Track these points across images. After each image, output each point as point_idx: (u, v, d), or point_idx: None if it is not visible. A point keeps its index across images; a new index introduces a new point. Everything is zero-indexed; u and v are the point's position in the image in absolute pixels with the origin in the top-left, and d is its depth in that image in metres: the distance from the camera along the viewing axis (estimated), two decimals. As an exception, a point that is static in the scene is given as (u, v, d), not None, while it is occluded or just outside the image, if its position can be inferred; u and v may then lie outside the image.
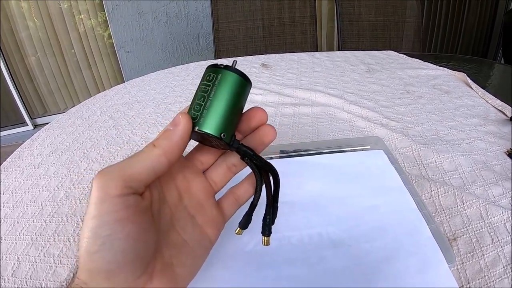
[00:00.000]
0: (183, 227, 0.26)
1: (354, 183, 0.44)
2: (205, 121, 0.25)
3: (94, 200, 0.21)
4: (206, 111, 0.25)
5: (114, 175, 0.21)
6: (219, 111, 0.25)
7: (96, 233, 0.20)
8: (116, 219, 0.21)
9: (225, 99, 0.25)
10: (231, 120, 0.25)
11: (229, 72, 0.25)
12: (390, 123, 0.65)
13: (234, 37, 1.55)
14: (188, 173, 0.27)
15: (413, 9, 1.55)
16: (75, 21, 2.35)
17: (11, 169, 0.61)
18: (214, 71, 0.26)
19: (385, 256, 0.34)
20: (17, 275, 0.40)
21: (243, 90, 0.26)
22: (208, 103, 0.25)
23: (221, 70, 0.25)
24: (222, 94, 0.25)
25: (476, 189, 0.46)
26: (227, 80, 0.25)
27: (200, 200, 0.27)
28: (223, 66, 0.26)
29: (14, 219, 0.49)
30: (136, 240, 0.21)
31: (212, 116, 0.25)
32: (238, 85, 0.25)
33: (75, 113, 0.82)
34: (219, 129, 0.25)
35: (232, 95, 0.25)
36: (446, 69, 0.93)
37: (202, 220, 0.27)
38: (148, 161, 0.23)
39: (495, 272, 0.35)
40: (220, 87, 0.25)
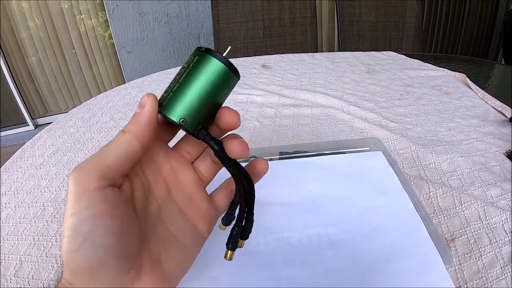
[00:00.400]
0: (172, 221, 0.25)
1: (353, 185, 0.44)
2: (168, 104, 0.23)
3: (71, 196, 0.20)
4: (172, 93, 0.23)
5: (89, 168, 0.21)
6: (185, 96, 0.22)
7: (76, 231, 0.19)
8: (95, 214, 0.20)
9: (195, 84, 0.22)
10: (199, 108, 0.23)
11: (207, 56, 0.23)
12: (390, 124, 0.65)
13: (234, 38, 1.56)
14: (175, 164, 0.26)
15: (413, 9, 1.55)
16: (76, 21, 2.35)
17: (12, 169, 0.62)
18: (195, 53, 0.23)
19: (383, 257, 0.34)
20: (19, 275, 0.40)
21: (223, 79, 0.23)
22: (176, 86, 0.23)
23: (200, 52, 0.23)
24: (193, 78, 0.23)
25: (474, 190, 0.47)
26: (203, 64, 0.23)
27: (190, 192, 0.26)
28: (204, 48, 0.23)
29: (16, 220, 0.49)
30: (118, 235, 0.20)
31: (177, 100, 0.23)
32: (214, 71, 0.23)
33: (76, 114, 0.82)
34: (180, 114, 0.22)
35: (204, 81, 0.23)
36: (446, 69, 0.93)
37: (192, 213, 0.26)
38: (121, 148, 0.22)
39: (493, 273, 0.35)
40: (193, 71, 0.23)
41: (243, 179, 0.24)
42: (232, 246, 0.26)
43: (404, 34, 1.58)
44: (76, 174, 0.20)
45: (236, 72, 0.24)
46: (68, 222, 0.20)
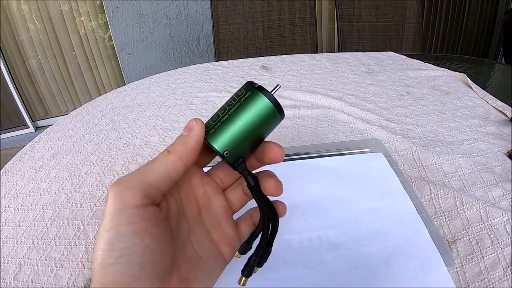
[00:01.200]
0: (199, 243, 0.25)
1: (353, 186, 0.44)
2: (215, 133, 0.24)
3: (111, 211, 0.20)
4: (220, 123, 0.24)
5: (131, 184, 0.21)
6: (232, 129, 0.23)
7: (112, 246, 0.19)
8: (134, 231, 0.20)
9: (244, 119, 0.24)
10: (243, 142, 0.24)
11: (259, 94, 0.24)
12: (390, 125, 0.65)
13: (234, 39, 1.56)
14: (209, 189, 0.27)
15: (413, 9, 1.55)
16: (76, 23, 2.35)
17: (12, 172, 0.62)
18: (247, 88, 0.24)
19: (384, 259, 0.34)
20: (18, 278, 0.40)
21: (269, 118, 0.24)
22: (225, 116, 0.24)
23: (252, 89, 0.24)
24: (243, 113, 0.24)
25: (476, 191, 0.46)
26: (253, 101, 0.24)
27: (218, 217, 0.27)
28: (257, 86, 0.24)
29: (15, 223, 0.49)
30: (154, 253, 0.21)
31: (224, 131, 0.24)
32: (264, 109, 0.24)
33: (75, 116, 0.82)
34: (225, 145, 0.23)
35: (253, 118, 0.24)
36: (446, 69, 0.93)
37: (219, 237, 0.26)
38: (164, 167, 0.22)
39: (495, 274, 0.35)
40: (244, 106, 0.24)
41: (270, 214, 0.26)
42: (248, 273, 0.27)
43: (404, 34, 1.58)
44: (117, 189, 0.20)
45: (282, 112, 0.25)
46: (105, 236, 0.20)
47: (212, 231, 0.26)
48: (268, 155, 0.25)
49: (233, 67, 1.08)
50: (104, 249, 0.19)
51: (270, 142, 0.26)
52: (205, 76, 1.03)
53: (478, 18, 2.51)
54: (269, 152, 0.25)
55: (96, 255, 0.20)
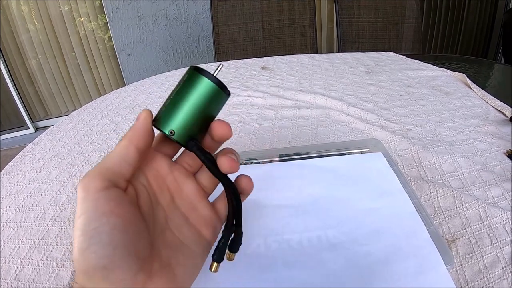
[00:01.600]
0: (178, 228, 0.26)
1: (353, 186, 0.44)
2: (161, 117, 0.25)
3: (79, 201, 0.22)
4: (164, 108, 0.25)
5: (92, 174, 0.23)
6: (175, 110, 0.25)
7: (84, 230, 0.21)
8: (100, 212, 0.21)
9: (185, 99, 0.25)
10: (189, 122, 0.25)
11: (196, 74, 0.25)
12: (390, 125, 0.65)
13: (234, 40, 1.56)
14: (177, 175, 0.28)
15: (412, 9, 1.55)
16: (76, 24, 2.35)
17: (13, 173, 0.62)
18: (187, 71, 0.25)
19: (384, 258, 0.34)
20: (20, 278, 0.40)
21: (212, 96, 0.25)
22: (168, 101, 0.25)
23: (189, 71, 0.25)
24: (184, 94, 0.25)
25: (475, 191, 0.47)
26: (192, 82, 0.25)
27: (192, 201, 0.28)
28: (194, 67, 0.25)
29: (16, 223, 0.49)
30: (124, 233, 0.21)
31: (168, 113, 0.25)
32: (204, 88, 0.25)
33: (76, 117, 0.83)
34: (169, 126, 0.25)
35: (194, 97, 0.25)
36: (445, 69, 0.93)
37: (196, 220, 0.27)
38: (118, 152, 0.24)
39: (494, 273, 0.35)
40: (184, 88, 0.25)
41: (230, 192, 0.26)
42: (218, 258, 0.26)
43: (404, 35, 1.58)
44: (82, 181, 0.23)
45: (225, 89, 0.26)
46: (77, 223, 0.21)
47: (189, 215, 0.27)
48: (217, 133, 0.26)
49: (233, 68, 1.08)
50: (78, 235, 0.21)
51: (216, 120, 0.26)
52: (205, 77, 1.03)
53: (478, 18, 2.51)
54: (216, 130, 0.26)
55: (74, 244, 0.21)
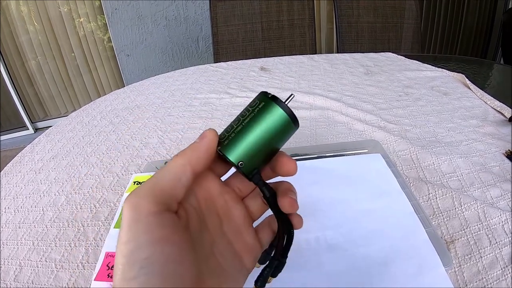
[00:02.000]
0: (222, 254, 0.25)
1: (351, 187, 0.44)
2: (229, 144, 0.24)
3: (127, 222, 0.19)
4: (234, 134, 0.24)
5: (143, 193, 0.20)
6: (247, 140, 0.23)
7: (132, 258, 0.18)
8: (153, 240, 0.19)
9: (258, 130, 0.23)
10: (258, 154, 0.24)
11: (273, 104, 0.24)
12: (388, 125, 0.65)
13: (233, 40, 1.56)
14: (228, 198, 0.26)
15: (411, 10, 1.55)
16: (75, 25, 2.35)
17: (12, 174, 0.62)
18: (261, 98, 0.24)
19: (382, 260, 0.34)
20: (19, 280, 0.40)
21: (283, 128, 0.24)
22: (239, 127, 0.24)
23: (266, 99, 0.24)
24: (257, 124, 0.23)
25: (474, 191, 0.47)
26: (267, 111, 0.24)
27: (239, 226, 0.26)
28: (271, 96, 0.24)
29: (15, 225, 0.49)
30: (176, 263, 0.19)
31: (238, 142, 0.23)
32: (278, 120, 0.24)
33: (75, 118, 0.83)
34: (239, 157, 0.23)
35: (267, 129, 0.23)
36: (444, 70, 0.93)
37: (241, 247, 0.26)
38: (173, 172, 0.22)
39: (493, 274, 0.35)
40: (258, 117, 0.24)
41: (285, 226, 0.25)
42: (261, 284, 0.26)
43: (403, 35, 1.58)
44: (131, 200, 0.20)
45: (296, 122, 0.25)
46: (123, 249, 0.19)
47: (234, 241, 0.26)
48: (282, 169, 0.25)
49: (232, 69, 1.08)
50: (123, 263, 0.19)
51: (284, 156, 0.25)
52: (204, 78, 1.03)
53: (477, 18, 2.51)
54: (283, 166, 0.25)
55: (116, 269, 0.19)
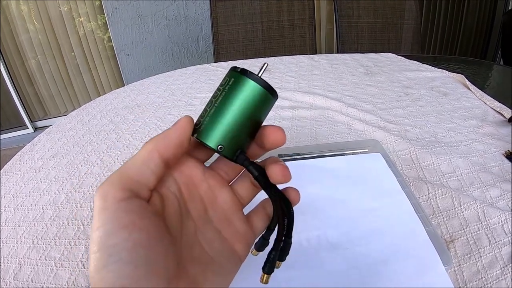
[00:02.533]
0: (209, 242, 0.24)
1: (352, 187, 0.44)
2: (205, 129, 0.22)
3: (96, 211, 0.19)
4: (208, 118, 0.22)
5: (112, 181, 0.20)
6: (222, 121, 0.22)
7: (101, 245, 0.18)
8: (119, 226, 0.19)
9: (232, 108, 0.22)
10: (237, 133, 0.22)
11: (243, 78, 0.22)
12: (388, 125, 0.65)
13: (233, 40, 1.56)
14: (213, 183, 0.25)
15: (411, 11, 1.56)
16: (75, 24, 2.35)
17: (12, 172, 0.62)
18: (230, 74, 0.22)
19: (382, 258, 0.34)
20: (18, 278, 0.40)
21: (260, 101, 0.22)
22: (212, 109, 0.22)
23: (235, 74, 0.22)
24: (230, 102, 0.22)
25: (473, 191, 0.47)
26: (240, 87, 0.22)
27: (227, 213, 0.25)
28: (240, 69, 0.22)
29: (15, 223, 0.49)
30: (148, 249, 0.19)
31: (213, 125, 0.22)
32: (252, 93, 0.22)
33: (75, 117, 0.83)
34: (218, 140, 0.22)
35: (242, 105, 0.22)
36: (444, 71, 0.93)
37: (230, 234, 0.24)
38: (141, 159, 0.22)
39: (492, 273, 0.35)
40: (230, 94, 0.22)
41: (283, 203, 0.24)
42: (269, 270, 0.25)
43: (403, 36, 1.58)
44: (100, 189, 0.20)
45: (273, 92, 0.23)
46: (94, 237, 0.19)
47: (222, 228, 0.24)
48: (268, 140, 0.23)
49: (232, 68, 1.08)
50: (95, 251, 0.18)
51: (268, 126, 0.24)
52: (205, 77, 1.03)
53: (477, 19, 2.52)
54: (269, 136, 0.23)
55: (90, 260, 0.19)
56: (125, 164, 0.22)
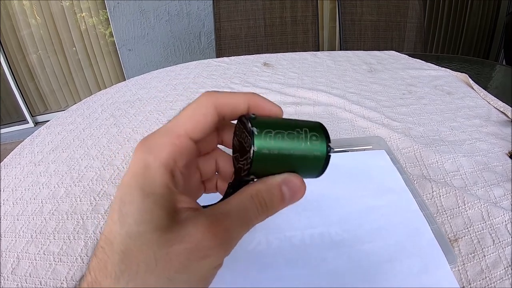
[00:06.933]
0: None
1: (356, 183, 0.44)
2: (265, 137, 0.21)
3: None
4: (273, 135, 0.21)
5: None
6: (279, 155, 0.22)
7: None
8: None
9: (295, 154, 0.22)
10: (275, 168, 0.22)
11: (323, 140, 0.23)
12: (392, 123, 0.64)
13: (236, 36, 1.55)
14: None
15: (415, 9, 1.55)
16: (77, 19, 2.35)
17: (11, 166, 0.61)
18: (318, 127, 0.23)
19: (387, 256, 0.33)
20: (16, 272, 0.40)
21: (310, 164, 0.23)
22: (283, 140, 0.22)
23: (321, 132, 0.23)
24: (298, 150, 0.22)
25: (477, 190, 0.46)
26: (314, 142, 0.22)
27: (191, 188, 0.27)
28: (326, 133, 0.23)
29: (14, 217, 0.49)
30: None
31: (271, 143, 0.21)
32: (314, 159, 0.23)
33: (76, 111, 0.82)
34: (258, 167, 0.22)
35: (300, 159, 0.22)
36: (448, 70, 0.93)
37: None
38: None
39: (496, 273, 0.35)
40: (301, 145, 0.22)
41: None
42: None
43: (406, 34, 1.58)
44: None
45: (322, 171, 0.24)
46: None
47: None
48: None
49: (234, 64, 1.08)
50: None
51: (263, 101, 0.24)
52: (207, 72, 1.02)
53: (480, 19, 2.51)
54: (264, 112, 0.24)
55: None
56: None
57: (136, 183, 0.20)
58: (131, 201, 0.19)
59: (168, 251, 0.18)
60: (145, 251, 0.18)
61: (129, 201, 0.19)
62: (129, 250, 0.18)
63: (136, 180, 0.20)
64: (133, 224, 0.18)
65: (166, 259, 0.18)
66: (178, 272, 0.18)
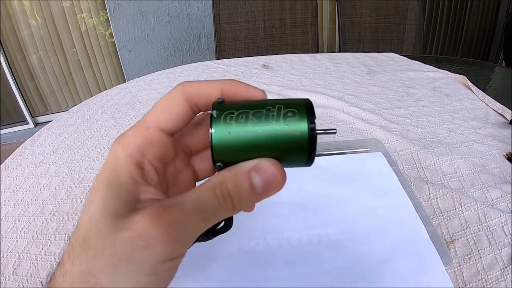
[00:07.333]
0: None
1: (353, 185, 0.44)
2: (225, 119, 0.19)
3: None
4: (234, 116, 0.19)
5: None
6: (245, 138, 0.19)
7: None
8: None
9: (264, 136, 0.19)
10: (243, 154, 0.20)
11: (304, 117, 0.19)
12: (390, 125, 0.65)
13: (235, 38, 1.56)
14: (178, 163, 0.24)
15: (414, 11, 1.55)
16: (77, 20, 2.35)
17: (12, 167, 0.62)
18: (299, 103, 0.20)
19: (383, 257, 0.34)
20: (18, 273, 0.40)
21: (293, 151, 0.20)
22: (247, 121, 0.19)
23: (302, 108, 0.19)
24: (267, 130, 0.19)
25: (474, 192, 0.47)
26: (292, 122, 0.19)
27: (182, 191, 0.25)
28: (310, 107, 0.20)
29: (15, 218, 0.49)
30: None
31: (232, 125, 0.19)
32: (294, 141, 0.19)
33: (76, 112, 0.82)
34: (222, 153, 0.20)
35: (274, 142, 0.19)
36: (446, 71, 0.93)
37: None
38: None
39: (492, 275, 0.35)
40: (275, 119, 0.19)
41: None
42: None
43: (405, 36, 1.58)
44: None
45: (311, 159, 0.20)
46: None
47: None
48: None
49: (234, 66, 1.08)
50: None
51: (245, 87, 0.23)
52: (206, 74, 1.03)
53: (479, 20, 2.51)
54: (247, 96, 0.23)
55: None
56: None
57: (104, 173, 0.20)
58: (96, 189, 0.20)
59: (115, 237, 0.18)
60: (97, 236, 0.19)
61: (94, 189, 0.20)
62: (87, 235, 0.19)
63: (104, 170, 0.20)
64: (93, 211, 0.19)
65: (111, 246, 0.18)
66: (122, 260, 0.18)
